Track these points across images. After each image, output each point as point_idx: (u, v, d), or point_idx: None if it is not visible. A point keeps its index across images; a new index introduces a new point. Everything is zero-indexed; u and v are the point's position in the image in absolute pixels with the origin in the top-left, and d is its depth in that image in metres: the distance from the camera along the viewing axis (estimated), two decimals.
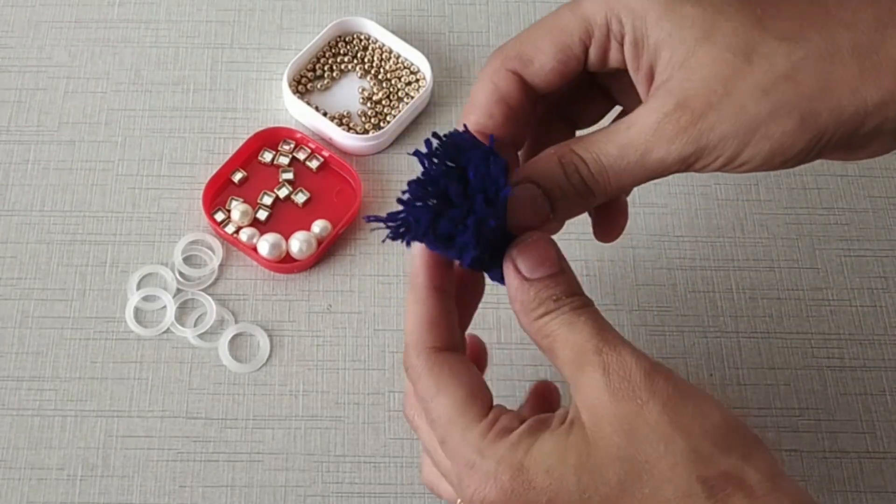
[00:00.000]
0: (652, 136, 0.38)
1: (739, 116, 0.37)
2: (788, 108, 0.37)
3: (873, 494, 0.55)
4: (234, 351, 0.58)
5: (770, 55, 0.38)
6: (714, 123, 0.38)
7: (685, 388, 0.37)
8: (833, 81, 0.37)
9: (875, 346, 0.59)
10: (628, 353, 0.37)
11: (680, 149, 0.38)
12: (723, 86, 0.38)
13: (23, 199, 0.62)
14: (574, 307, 0.38)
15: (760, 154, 0.38)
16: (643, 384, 0.36)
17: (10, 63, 0.67)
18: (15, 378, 0.57)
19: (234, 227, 0.61)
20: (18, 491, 0.54)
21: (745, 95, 0.37)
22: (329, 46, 0.68)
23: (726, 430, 0.36)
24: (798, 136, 0.37)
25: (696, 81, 0.38)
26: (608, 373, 0.37)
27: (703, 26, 0.38)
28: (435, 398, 0.39)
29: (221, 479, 0.55)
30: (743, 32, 0.38)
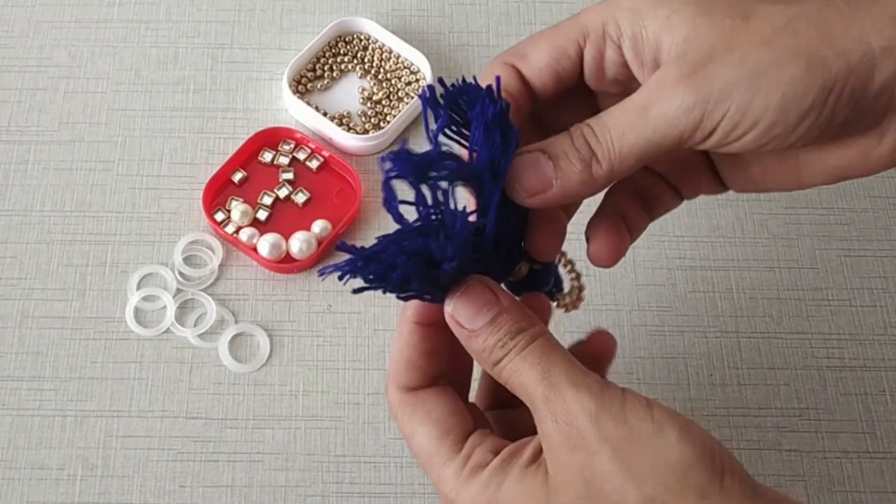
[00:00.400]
0: (653, 89, 0.37)
1: (743, 64, 0.36)
2: (792, 54, 0.36)
3: (873, 494, 0.55)
4: (234, 351, 0.58)
5: (766, 14, 0.37)
6: (716, 71, 0.37)
7: (638, 423, 0.35)
8: (833, 28, 0.37)
9: (875, 346, 0.59)
10: (571, 398, 0.36)
11: (681, 97, 0.37)
12: (722, 42, 0.37)
13: (23, 199, 0.62)
14: (519, 350, 0.38)
15: (773, 105, 0.36)
16: (591, 431, 0.35)
17: (10, 63, 0.67)
18: (15, 378, 0.57)
19: (234, 227, 0.61)
20: (18, 491, 0.54)
21: (746, 47, 0.37)
22: (329, 46, 0.68)
23: (682, 471, 0.35)
24: (808, 81, 0.36)
25: (697, 40, 0.37)
26: (557, 422, 0.36)
27: (700, 5, 0.38)
28: (411, 437, 0.40)
29: (221, 479, 0.55)
30: (738, 3, 0.38)
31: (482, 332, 0.39)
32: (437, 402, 0.40)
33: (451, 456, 0.39)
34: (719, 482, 0.35)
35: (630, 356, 0.59)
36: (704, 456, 0.35)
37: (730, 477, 0.35)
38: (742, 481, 0.35)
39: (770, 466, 0.56)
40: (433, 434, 0.40)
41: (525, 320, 0.39)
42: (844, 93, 0.37)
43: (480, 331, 0.39)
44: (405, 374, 0.41)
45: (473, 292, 0.39)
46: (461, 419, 0.40)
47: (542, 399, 0.37)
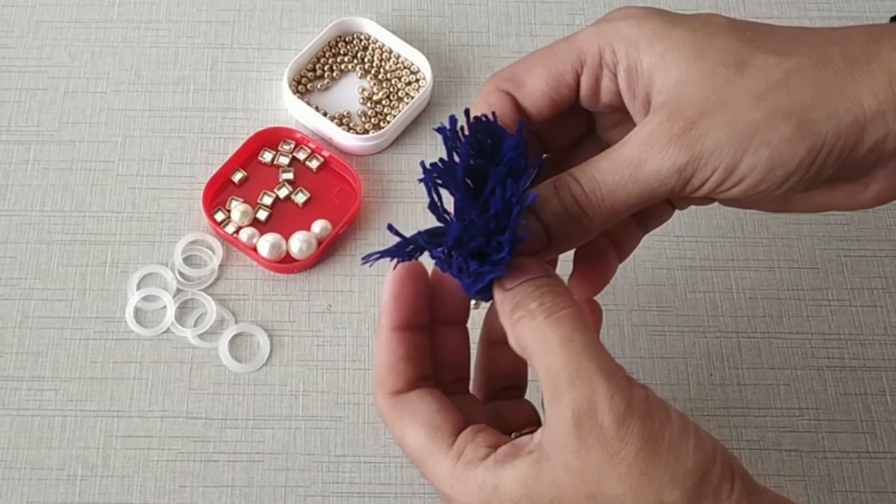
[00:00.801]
0: (645, 146, 0.37)
1: (734, 122, 0.37)
2: (784, 114, 0.37)
3: (873, 494, 0.55)
4: (234, 351, 0.58)
5: (762, 66, 0.37)
6: (708, 130, 0.37)
7: (660, 427, 0.35)
8: (827, 89, 0.37)
9: (875, 346, 0.60)
10: (602, 391, 0.35)
11: (674, 157, 0.37)
12: (715, 95, 0.37)
13: (23, 199, 0.62)
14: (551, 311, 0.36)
15: (760, 164, 0.37)
16: (615, 432, 0.34)
17: (10, 63, 0.67)
18: (15, 378, 0.57)
19: (234, 227, 0.61)
20: (18, 491, 0.54)
21: (738, 103, 0.37)
22: (329, 46, 0.68)
23: (698, 476, 0.34)
24: (797, 143, 0.37)
25: (690, 93, 0.37)
26: (578, 415, 0.35)
27: (696, 46, 0.38)
28: (402, 440, 0.40)
29: (221, 479, 0.55)
30: (734, 49, 0.38)
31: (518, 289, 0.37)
32: (422, 402, 0.40)
33: (444, 452, 0.38)
34: (730, 486, 0.35)
35: (630, 356, 0.59)
36: (717, 462, 0.35)
37: (739, 480, 0.35)
38: (747, 485, 0.35)
39: (770, 466, 0.56)
40: (422, 433, 0.39)
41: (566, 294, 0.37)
42: (832, 155, 0.37)
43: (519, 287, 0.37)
44: (388, 379, 0.41)
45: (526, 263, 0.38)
46: (449, 416, 0.40)
47: (567, 384, 0.35)
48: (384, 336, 0.41)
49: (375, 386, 0.41)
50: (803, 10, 0.71)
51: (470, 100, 0.66)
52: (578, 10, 0.70)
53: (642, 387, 0.36)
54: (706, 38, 0.38)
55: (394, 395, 0.41)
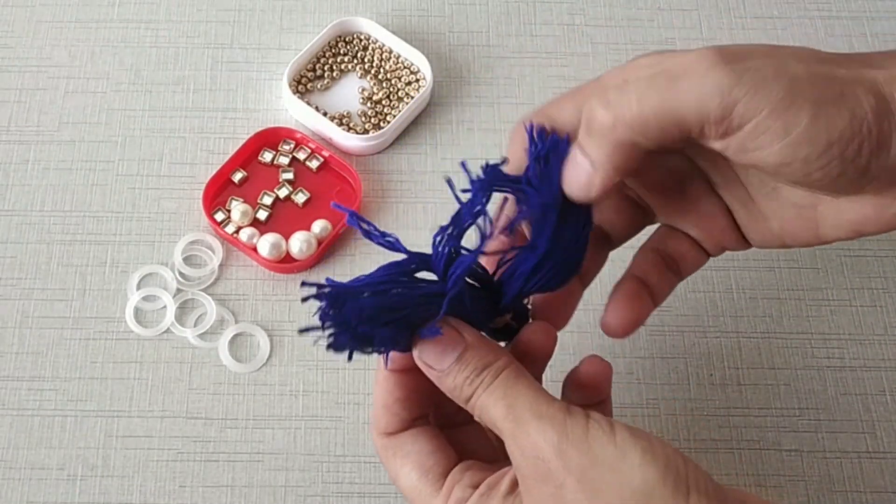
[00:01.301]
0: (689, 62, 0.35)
1: (781, 70, 0.35)
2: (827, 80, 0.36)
3: (873, 494, 0.55)
4: (234, 351, 0.58)
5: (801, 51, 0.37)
6: (758, 66, 0.35)
7: (601, 450, 0.36)
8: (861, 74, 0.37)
9: (875, 346, 0.60)
10: (535, 431, 0.36)
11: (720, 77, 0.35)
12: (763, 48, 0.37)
13: (23, 199, 0.62)
14: (486, 386, 0.38)
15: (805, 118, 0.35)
16: (555, 462, 0.36)
17: (10, 63, 0.67)
18: (15, 378, 0.57)
19: (234, 227, 0.61)
20: (18, 491, 0.54)
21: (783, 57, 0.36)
22: (329, 46, 0.68)
23: (646, 495, 0.35)
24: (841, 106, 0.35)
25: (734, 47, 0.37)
26: (524, 456, 0.37)
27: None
28: (396, 480, 0.42)
29: (221, 479, 0.55)
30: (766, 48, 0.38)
31: (451, 371, 0.39)
32: (415, 444, 0.42)
33: (433, 494, 0.41)
34: (684, 500, 0.35)
35: (630, 356, 0.59)
36: (668, 476, 0.35)
37: (695, 495, 0.35)
38: (707, 496, 0.35)
39: (770, 466, 0.56)
40: (414, 475, 0.41)
41: (490, 354, 0.39)
42: (872, 133, 0.36)
43: (449, 370, 0.39)
44: (383, 420, 0.42)
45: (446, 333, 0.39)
46: (441, 457, 0.42)
47: (509, 434, 0.38)
48: (381, 377, 0.43)
49: (371, 425, 0.43)
50: (803, 10, 0.71)
51: (470, 99, 0.66)
52: (578, 10, 0.70)
53: (585, 414, 0.37)
54: None
55: (387, 435, 0.42)
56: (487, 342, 0.40)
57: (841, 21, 0.70)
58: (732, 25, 0.70)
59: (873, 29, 0.70)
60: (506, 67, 0.68)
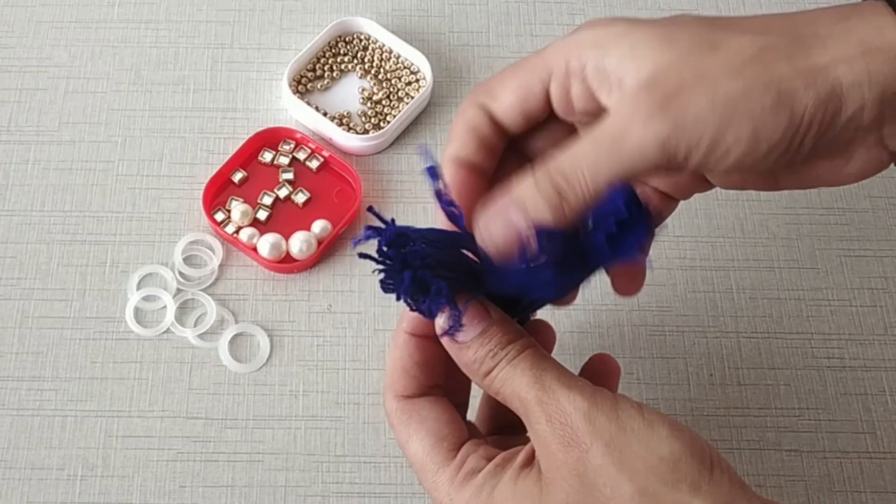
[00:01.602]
0: (627, 119, 0.37)
1: (715, 93, 0.36)
2: (763, 85, 0.36)
3: (873, 494, 0.55)
4: (234, 351, 0.58)
5: (735, 45, 0.37)
6: (689, 101, 0.36)
7: (629, 420, 0.36)
8: (802, 62, 0.37)
9: (875, 346, 0.60)
10: (565, 398, 0.37)
11: (656, 128, 0.36)
12: (693, 69, 0.37)
13: (23, 199, 0.62)
14: (510, 359, 0.39)
15: (744, 137, 0.36)
16: (584, 428, 0.36)
17: (10, 63, 0.67)
18: (15, 378, 0.57)
19: (234, 227, 0.61)
20: (18, 491, 0.54)
21: (716, 75, 0.37)
22: (329, 46, 0.68)
23: (674, 463, 0.35)
24: (779, 113, 0.36)
25: (666, 71, 0.37)
26: (551, 422, 0.37)
27: (665, 37, 0.38)
28: (406, 445, 0.41)
29: (221, 479, 0.55)
30: (705, 34, 0.38)
31: (473, 344, 0.39)
32: (431, 410, 0.41)
33: (446, 463, 0.40)
34: (709, 474, 0.35)
35: (630, 356, 0.59)
36: (694, 450, 0.36)
37: (719, 470, 0.36)
38: (730, 478, 0.36)
39: (770, 466, 0.56)
40: (427, 441, 0.40)
41: (515, 332, 0.40)
42: (813, 125, 0.37)
43: (472, 342, 0.39)
44: (400, 382, 0.42)
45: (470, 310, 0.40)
46: (455, 428, 0.41)
47: (535, 401, 0.38)
48: (402, 340, 0.42)
49: (386, 388, 0.43)
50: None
51: None
52: (578, 11, 0.70)
53: (610, 393, 0.38)
54: (674, 29, 0.38)
55: (404, 398, 0.42)
56: (512, 322, 0.40)
57: None
58: None
59: None
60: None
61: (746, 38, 0.37)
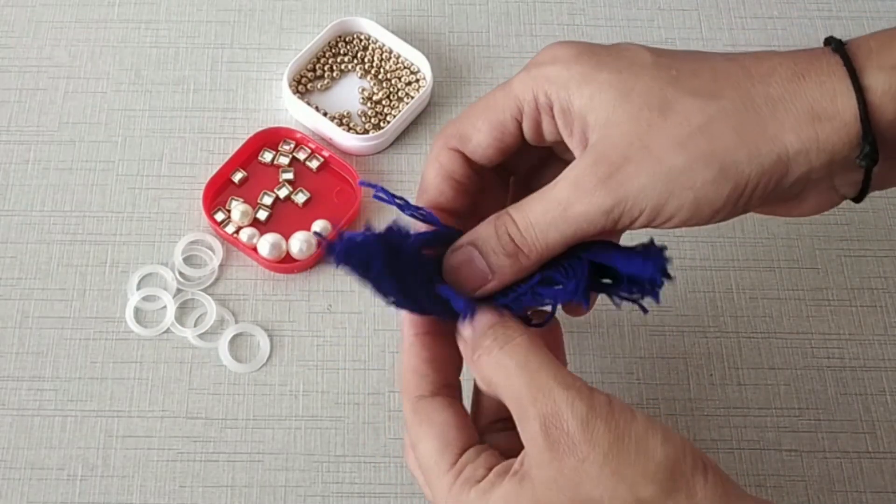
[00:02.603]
0: (573, 189, 0.39)
1: (657, 168, 0.38)
2: (706, 159, 0.38)
3: (873, 494, 0.55)
4: (234, 351, 0.58)
5: (685, 110, 0.38)
6: (632, 175, 0.38)
7: (626, 426, 0.36)
8: (749, 132, 0.38)
9: (875, 346, 0.59)
10: (562, 400, 0.37)
11: (600, 201, 0.38)
12: (639, 139, 0.38)
13: (23, 199, 0.62)
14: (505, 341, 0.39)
15: (686, 206, 0.38)
16: (581, 436, 0.36)
17: (10, 63, 0.67)
18: (15, 378, 0.57)
19: (234, 227, 0.61)
20: (18, 491, 0.54)
21: (661, 148, 0.38)
22: (329, 46, 0.68)
23: (669, 469, 0.36)
24: (720, 185, 0.38)
25: (615, 137, 0.39)
26: (545, 426, 0.37)
27: (621, 88, 0.39)
28: (416, 446, 0.42)
29: (221, 479, 0.55)
30: (658, 90, 0.39)
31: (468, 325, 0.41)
32: (441, 413, 0.42)
33: (447, 469, 0.40)
34: (703, 478, 0.36)
35: (630, 356, 0.59)
36: (687, 455, 0.36)
37: (713, 473, 0.36)
38: (723, 480, 0.36)
39: (770, 466, 0.56)
40: (434, 446, 0.41)
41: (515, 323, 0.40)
42: (756, 191, 0.38)
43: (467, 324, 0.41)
44: (412, 383, 0.43)
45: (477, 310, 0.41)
46: (462, 433, 0.41)
47: (528, 400, 0.37)
48: (408, 342, 0.43)
49: (402, 391, 0.43)
50: (803, 10, 0.71)
51: (470, 99, 0.66)
52: (578, 11, 0.70)
53: (605, 394, 0.37)
54: (631, 78, 0.39)
55: (418, 399, 0.42)
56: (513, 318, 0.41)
57: (841, 21, 0.70)
58: (732, 25, 0.70)
59: (873, 29, 0.69)
60: (506, 67, 0.68)
61: (697, 104, 0.38)
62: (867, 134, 0.37)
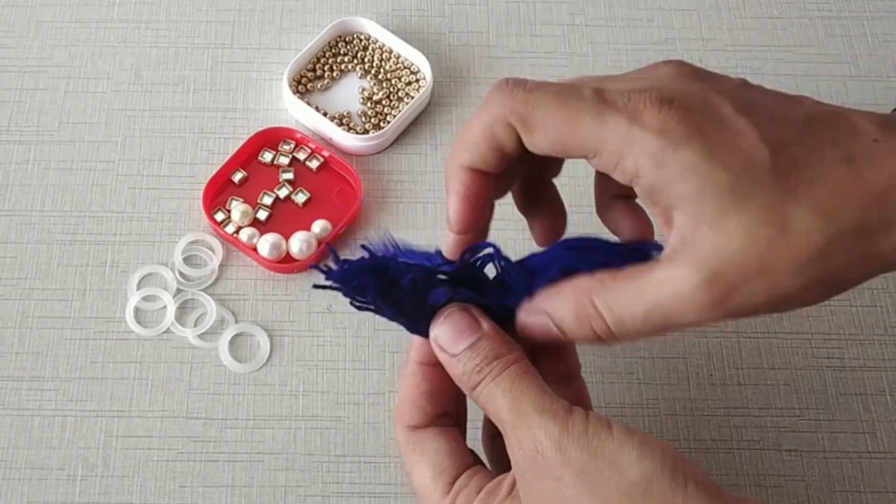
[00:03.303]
0: (685, 304, 0.37)
1: (773, 291, 0.36)
2: (822, 283, 0.37)
3: (873, 494, 0.55)
4: (234, 351, 0.58)
5: (805, 231, 0.36)
6: (748, 297, 0.36)
7: (600, 444, 0.37)
8: (864, 253, 0.37)
9: (875, 346, 0.59)
10: (536, 424, 0.38)
11: (710, 317, 0.37)
12: (757, 261, 0.36)
13: (23, 199, 0.62)
14: (493, 376, 0.39)
15: (785, 310, 0.38)
16: (555, 457, 0.37)
17: (10, 63, 0.67)
18: (15, 378, 0.57)
19: (234, 227, 0.61)
20: (18, 491, 0.54)
21: (779, 273, 0.36)
22: (329, 46, 0.68)
23: (645, 486, 0.36)
24: (824, 294, 0.38)
25: (731, 253, 0.36)
26: (524, 450, 0.38)
27: (737, 191, 0.36)
28: (411, 474, 0.43)
29: (221, 479, 0.55)
30: (778, 202, 0.36)
31: (462, 357, 0.40)
32: (434, 442, 0.42)
33: (442, 497, 0.41)
34: (682, 490, 0.36)
35: (630, 356, 0.59)
36: (665, 467, 0.36)
37: (693, 484, 0.36)
38: (706, 489, 0.36)
39: (770, 466, 0.56)
40: (428, 474, 0.42)
41: (503, 346, 0.40)
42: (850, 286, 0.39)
43: (461, 355, 0.40)
44: (408, 413, 0.43)
45: (455, 317, 0.41)
46: (455, 460, 0.42)
47: (510, 426, 0.38)
48: (410, 369, 0.43)
49: (395, 417, 0.44)
50: (803, 10, 0.71)
51: (470, 99, 0.66)
52: (578, 11, 0.70)
53: (582, 413, 0.38)
54: (748, 184, 0.36)
55: (411, 429, 0.43)
56: (503, 336, 0.41)
57: (841, 21, 0.70)
58: (732, 25, 0.70)
59: (873, 29, 0.70)
60: (506, 67, 0.68)
61: (817, 225, 0.36)
62: None
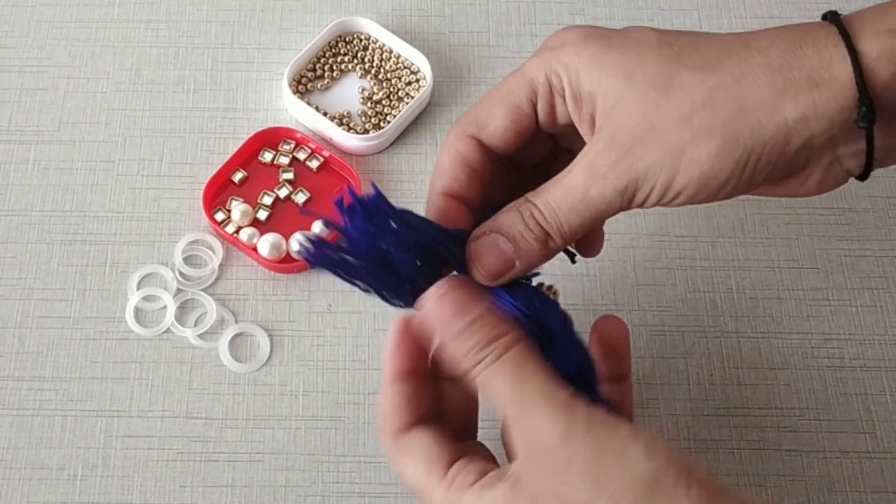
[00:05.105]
0: (588, 174, 0.41)
1: (663, 145, 0.39)
2: (708, 132, 0.39)
3: (873, 494, 0.55)
4: (234, 351, 0.58)
5: (687, 86, 0.40)
6: (641, 155, 0.40)
7: (606, 440, 0.37)
8: (749, 102, 0.39)
9: (875, 346, 0.60)
10: (544, 417, 0.37)
11: (614, 182, 0.40)
12: (647, 120, 0.40)
13: (23, 199, 0.62)
14: (494, 358, 0.39)
15: (693, 180, 0.40)
16: (561, 451, 0.37)
17: (10, 63, 0.67)
18: (15, 378, 0.57)
19: (235, 227, 0.61)
20: (18, 491, 0.54)
21: (666, 126, 0.39)
22: (329, 46, 0.68)
23: (650, 483, 0.36)
24: (724, 156, 0.39)
25: (624, 119, 0.40)
26: (528, 441, 0.38)
27: (628, 70, 0.41)
28: (403, 477, 0.42)
29: (221, 479, 0.55)
30: (663, 69, 0.40)
31: (459, 336, 0.40)
32: (420, 440, 0.42)
33: (438, 482, 0.41)
34: (685, 490, 0.36)
35: (630, 356, 0.59)
36: (670, 467, 0.36)
37: (696, 486, 0.36)
38: (710, 490, 0.36)
39: (770, 466, 0.56)
40: (419, 469, 0.41)
41: (502, 325, 0.40)
42: (760, 162, 0.40)
43: (458, 333, 0.40)
44: (389, 421, 0.43)
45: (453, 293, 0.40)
46: (443, 451, 0.42)
47: (514, 417, 0.38)
48: (387, 380, 0.44)
49: (380, 429, 0.44)
50: (804, 10, 0.71)
51: (470, 99, 0.66)
52: (578, 11, 0.70)
53: (588, 405, 0.38)
54: (637, 60, 0.41)
55: (395, 435, 0.43)
56: (501, 315, 0.40)
57: None
58: (732, 25, 0.70)
59: None
60: (506, 67, 0.68)
61: (698, 78, 0.40)
62: (863, 96, 0.38)
